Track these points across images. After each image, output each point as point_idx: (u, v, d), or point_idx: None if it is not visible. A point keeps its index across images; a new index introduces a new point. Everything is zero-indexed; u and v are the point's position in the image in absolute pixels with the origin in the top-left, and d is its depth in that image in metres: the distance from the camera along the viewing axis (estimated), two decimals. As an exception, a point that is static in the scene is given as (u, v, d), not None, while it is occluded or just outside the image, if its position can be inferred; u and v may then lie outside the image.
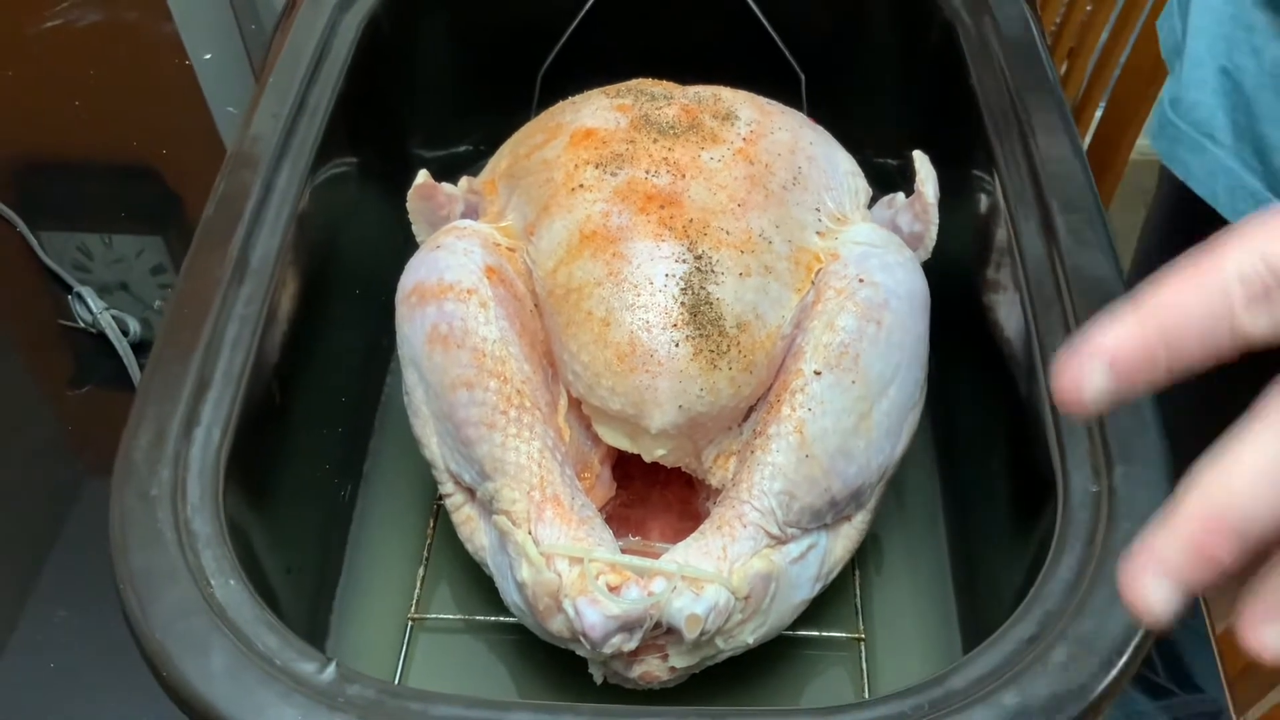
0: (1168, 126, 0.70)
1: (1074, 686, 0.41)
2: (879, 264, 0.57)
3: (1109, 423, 0.49)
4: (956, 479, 0.65)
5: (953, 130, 0.70)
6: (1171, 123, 0.69)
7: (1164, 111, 0.70)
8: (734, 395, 0.55)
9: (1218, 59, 0.67)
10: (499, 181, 0.64)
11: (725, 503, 0.54)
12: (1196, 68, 0.67)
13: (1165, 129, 0.70)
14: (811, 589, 0.55)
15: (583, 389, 0.56)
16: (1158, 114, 0.71)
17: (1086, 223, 0.57)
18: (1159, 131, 0.70)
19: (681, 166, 0.58)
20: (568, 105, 0.66)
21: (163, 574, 0.45)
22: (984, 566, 0.59)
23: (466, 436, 0.55)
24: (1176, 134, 0.69)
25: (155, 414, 0.50)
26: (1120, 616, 0.43)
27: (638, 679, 0.53)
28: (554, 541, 0.51)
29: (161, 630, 0.44)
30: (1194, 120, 0.68)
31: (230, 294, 0.55)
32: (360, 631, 0.61)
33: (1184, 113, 0.68)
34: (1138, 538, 0.27)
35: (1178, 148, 0.69)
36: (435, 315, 0.56)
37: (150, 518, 0.47)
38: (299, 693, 0.42)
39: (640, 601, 0.49)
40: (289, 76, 0.66)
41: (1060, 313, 0.54)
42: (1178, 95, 0.69)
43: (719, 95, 0.65)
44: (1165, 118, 0.70)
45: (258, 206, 0.59)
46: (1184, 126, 0.68)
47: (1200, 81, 0.67)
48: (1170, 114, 0.69)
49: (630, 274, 0.55)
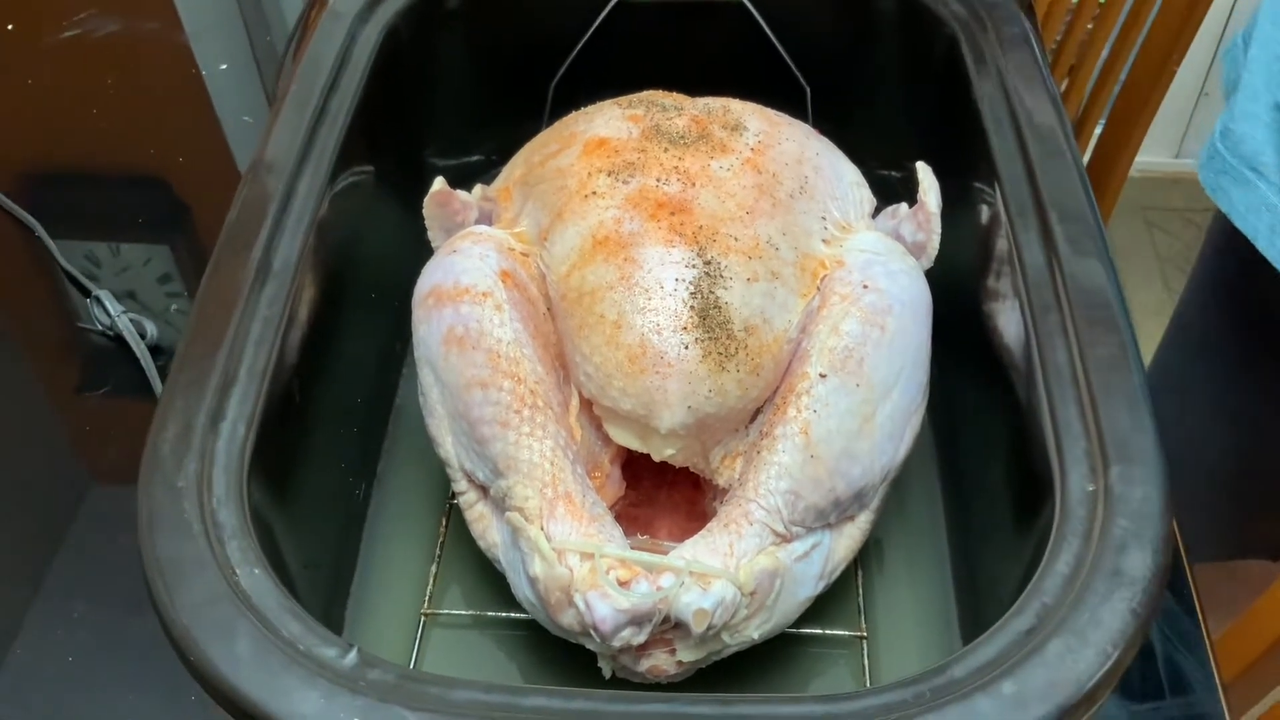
0: (1215, 158, 0.69)
1: (1070, 676, 0.43)
2: (883, 271, 0.59)
3: (1105, 423, 0.50)
4: (957, 480, 0.67)
5: (955, 143, 0.71)
6: (1219, 154, 0.69)
7: (1214, 142, 0.70)
8: (741, 397, 0.56)
9: (1274, 94, 0.66)
10: (513, 188, 0.65)
11: (732, 501, 0.55)
12: (1251, 101, 0.67)
13: (1213, 160, 0.69)
14: (815, 586, 0.57)
15: (594, 390, 0.57)
16: (1208, 145, 0.70)
17: (1085, 234, 0.59)
18: (1206, 162, 0.70)
19: (691, 175, 0.60)
20: (581, 115, 0.67)
21: (190, 563, 0.47)
22: (984, 566, 0.60)
23: (481, 435, 0.56)
24: (1223, 165, 0.69)
25: (182, 408, 0.51)
26: (1115, 610, 0.45)
27: (646, 673, 0.54)
28: (565, 537, 0.53)
29: (188, 616, 0.45)
30: (1242, 154, 0.68)
31: (253, 295, 0.56)
32: (375, 626, 0.62)
33: (1233, 145, 0.68)
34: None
35: (1223, 179, 0.68)
36: (452, 317, 0.58)
37: (177, 508, 0.48)
38: (321, 676, 0.43)
39: (649, 596, 0.50)
40: (309, 86, 0.68)
41: (1059, 320, 0.56)
42: (1229, 126, 0.68)
43: (728, 106, 0.66)
44: (1214, 149, 0.69)
45: (279, 212, 0.61)
46: (1231, 159, 0.68)
47: (1253, 115, 0.67)
48: (1219, 145, 0.69)
49: (641, 278, 0.56)
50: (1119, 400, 0.51)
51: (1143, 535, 0.47)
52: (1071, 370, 0.53)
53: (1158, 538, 0.47)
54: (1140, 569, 0.46)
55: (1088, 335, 0.54)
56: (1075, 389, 0.52)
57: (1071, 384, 0.53)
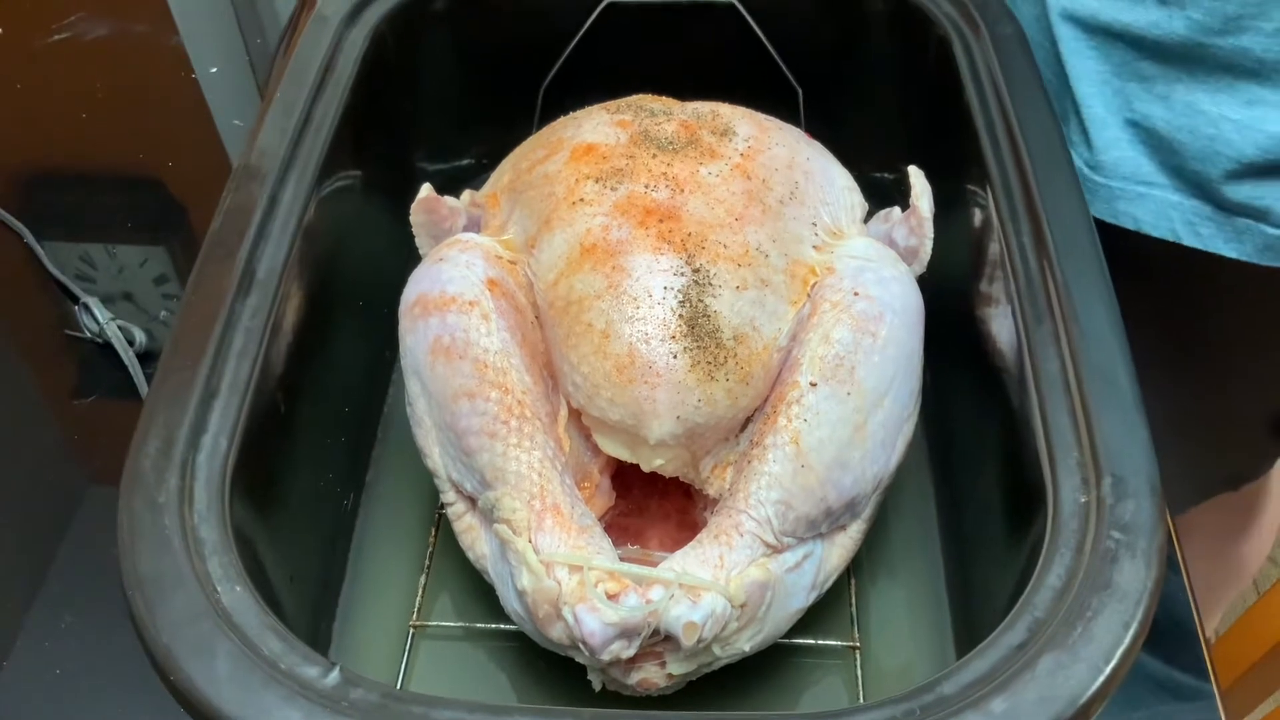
0: (1101, 189, 0.71)
1: (1062, 692, 0.42)
2: (874, 278, 0.58)
3: (1098, 434, 0.50)
4: (950, 489, 0.66)
5: (947, 146, 0.71)
6: (1103, 185, 0.71)
7: (1089, 178, 0.72)
8: (731, 406, 0.56)
9: (1118, 115, 0.69)
10: (501, 195, 0.65)
11: (722, 512, 0.54)
12: (1102, 130, 0.70)
13: (1099, 191, 0.72)
14: (807, 598, 0.56)
15: (583, 400, 0.57)
16: (1083, 183, 0.71)
17: (1079, 239, 0.58)
18: (1092, 197, 0.72)
19: (680, 181, 0.59)
20: (569, 120, 0.67)
21: (170, 580, 0.46)
22: (977, 575, 0.60)
23: (468, 446, 0.55)
24: (1111, 194, 0.71)
25: (163, 422, 0.51)
26: (1107, 624, 0.44)
27: (636, 686, 0.53)
28: (554, 550, 0.52)
29: (169, 635, 0.44)
30: (1124, 175, 0.70)
31: (237, 305, 0.56)
32: (362, 638, 0.62)
33: (1110, 172, 0.70)
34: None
35: (1118, 204, 0.71)
36: (438, 327, 0.57)
37: (158, 524, 0.47)
38: (303, 697, 0.43)
39: (639, 609, 0.50)
40: (295, 91, 0.67)
41: (1052, 326, 0.55)
42: (1097, 160, 0.71)
43: (717, 111, 0.66)
44: (1093, 183, 0.72)
45: (264, 219, 0.60)
46: (1117, 184, 0.70)
47: (1113, 141, 0.70)
48: (1097, 179, 0.71)
49: (629, 287, 0.56)
50: (1112, 410, 0.50)
51: (1135, 547, 0.46)
52: (1064, 379, 0.52)
53: (1151, 550, 0.46)
54: (1133, 582, 0.45)
55: (1081, 344, 0.53)
56: (1068, 398, 0.52)
57: (1064, 393, 0.52)
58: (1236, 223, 0.68)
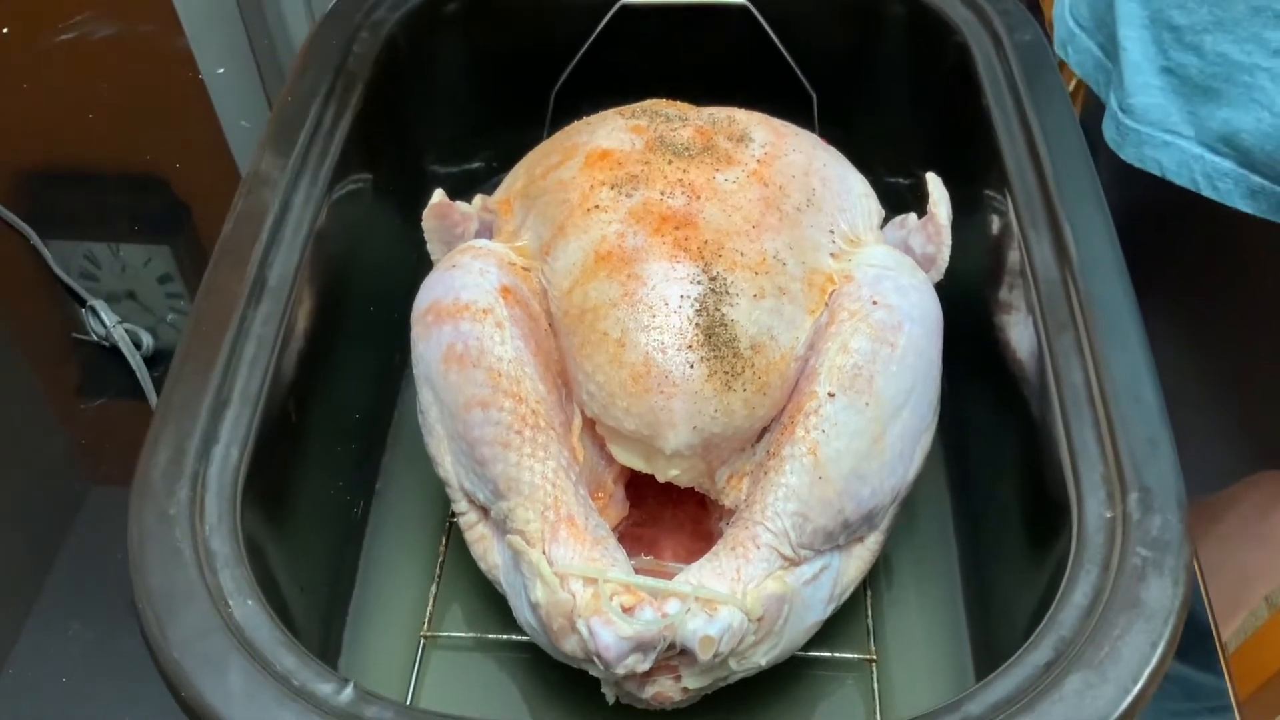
0: (1129, 133, 0.71)
1: (1089, 714, 0.42)
2: (893, 286, 0.58)
3: (1123, 447, 0.49)
4: (969, 501, 0.65)
5: (965, 151, 0.70)
6: (1130, 128, 0.71)
7: (1119, 121, 0.72)
8: (748, 416, 0.55)
9: (1155, 60, 0.68)
10: (514, 201, 0.64)
11: (739, 524, 0.54)
12: (1136, 74, 0.69)
13: (1126, 135, 0.71)
14: (824, 610, 0.55)
15: (597, 409, 0.56)
16: (1111, 124, 0.72)
17: (1101, 247, 0.57)
18: (1119, 139, 0.72)
19: (696, 188, 0.59)
20: (583, 125, 0.66)
21: (181, 594, 0.45)
22: (997, 589, 0.59)
23: (481, 456, 0.55)
24: (1138, 138, 0.70)
25: (174, 433, 0.50)
26: (1135, 643, 0.43)
27: (650, 699, 0.53)
28: (568, 562, 0.51)
29: (180, 650, 0.44)
30: (1151, 121, 0.69)
31: (249, 313, 0.55)
32: (373, 649, 0.61)
33: (1139, 117, 0.70)
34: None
35: (1144, 149, 0.70)
36: (451, 334, 0.56)
37: (169, 537, 0.47)
38: (316, 713, 0.42)
39: (654, 623, 0.49)
40: (307, 95, 0.67)
41: (1073, 335, 0.54)
42: (1127, 103, 0.70)
43: (733, 117, 0.65)
44: (1122, 125, 0.71)
45: (275, 225, 0.59)
46: (1144, 129, 0.70)
47: (1145, 86, 0.69)
48: (1127, 121, 0.71)
49: (645, 295, 0.55)
50: (1137, 422, 0.50)
51: (1163, 564, 0.45)
52: (1088, 390, 0.52)
53: (1178, 567, 0.45)
54: (1161, 600, 0.44)
55: (1104, 353, 0.52)
56: (1091, 409, 0.51)
57: (1088, 405, 0.51)
58: (1251, 180, 0.68)
